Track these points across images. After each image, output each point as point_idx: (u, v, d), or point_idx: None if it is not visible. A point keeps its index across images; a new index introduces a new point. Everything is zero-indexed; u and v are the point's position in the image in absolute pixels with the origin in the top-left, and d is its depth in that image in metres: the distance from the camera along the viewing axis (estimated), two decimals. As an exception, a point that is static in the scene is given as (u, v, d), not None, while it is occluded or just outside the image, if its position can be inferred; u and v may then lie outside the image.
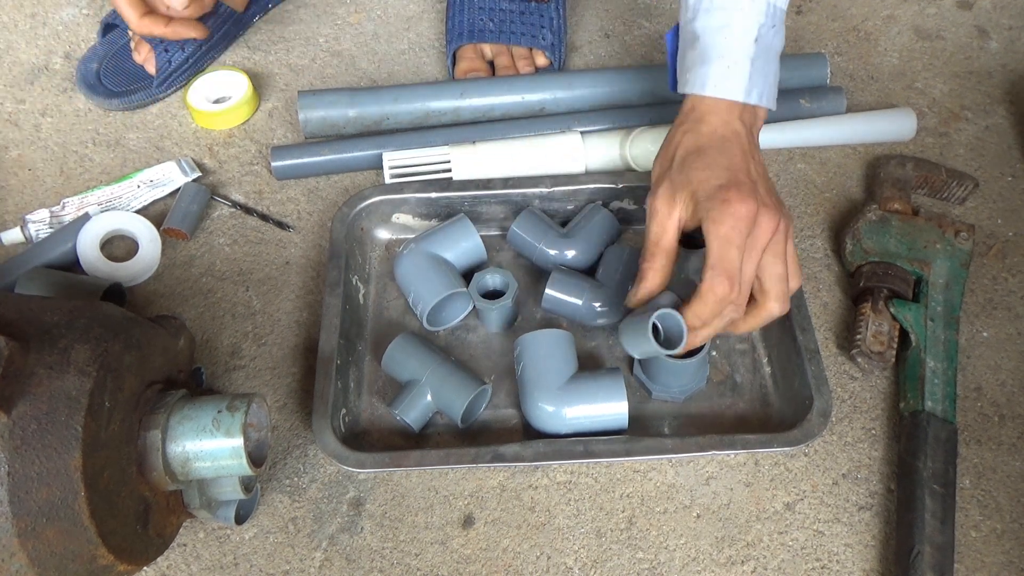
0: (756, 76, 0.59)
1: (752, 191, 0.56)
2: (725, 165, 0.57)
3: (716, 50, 0.59)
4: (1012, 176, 0.81)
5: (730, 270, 0.55)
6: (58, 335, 0.50)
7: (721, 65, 0.59)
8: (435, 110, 0.83)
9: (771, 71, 0.61)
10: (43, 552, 0.47)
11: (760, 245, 0.56)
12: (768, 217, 0.55)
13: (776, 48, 0.62)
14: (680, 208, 0.58)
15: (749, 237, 0.55)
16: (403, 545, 0.62)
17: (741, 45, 0.59)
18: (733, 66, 0.59)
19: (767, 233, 0.56)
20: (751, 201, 0.55)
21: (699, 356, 0.62)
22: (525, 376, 0.64)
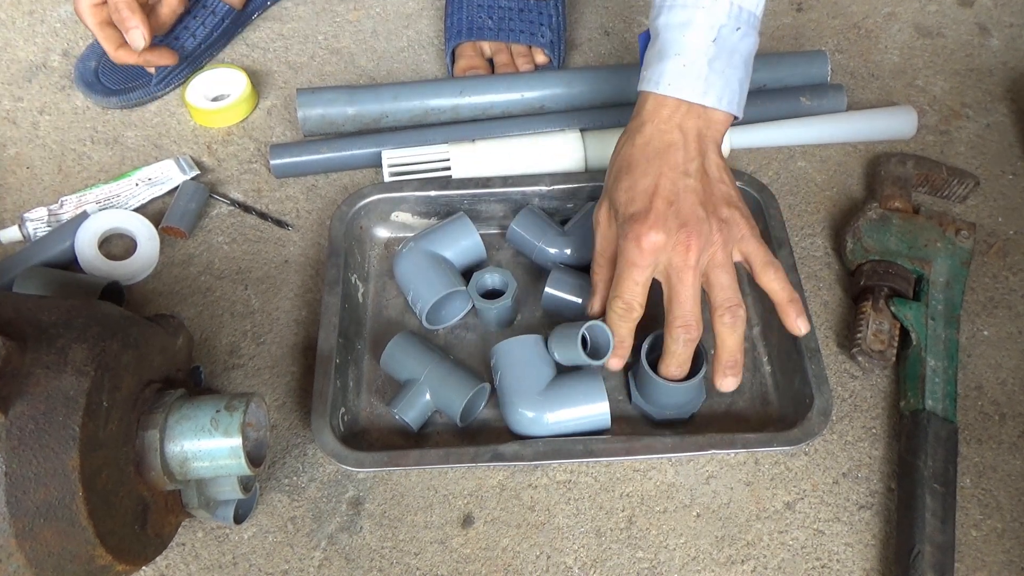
0: (714, 77, 0.58)
1: (662, 219, 0.57)
2: (645, 188, 0.58)
3: (674, 48, 0.58)
4: (1013, 174, 0.80)
5: (631, 304, 0.59)
6: (56, 334, 0.50)
7: (677, 63, 0.58)
8: (434, 108, 0.82)
9: (735, 75, 0.60)
10: (41, 552, 0.47)
11: (688, 265, 0.57)
12: (686, 236, 0.57)
13: (742, 52, 0.60)
14: (616, 224, 0.60)
15: (668, 266, 0.58)
16: (402, 544, 0.62)
17: (699, 44, 0.58)
18: (689, 65, 0.58)
19: (690, 253, 0.57)
20: (658, 232, 0.56)
21: (696, 379, 0.62)
22: (504, 385, 0.64)
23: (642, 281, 0.59)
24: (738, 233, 0.59)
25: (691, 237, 0.57)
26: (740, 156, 0.82)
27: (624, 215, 0.58)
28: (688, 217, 0.57)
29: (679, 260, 0.57)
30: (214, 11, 0.88)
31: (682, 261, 0.57)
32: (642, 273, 0.58)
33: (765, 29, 0.93)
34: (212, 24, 0.89)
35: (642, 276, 0.58)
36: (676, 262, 0.57)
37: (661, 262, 0.58)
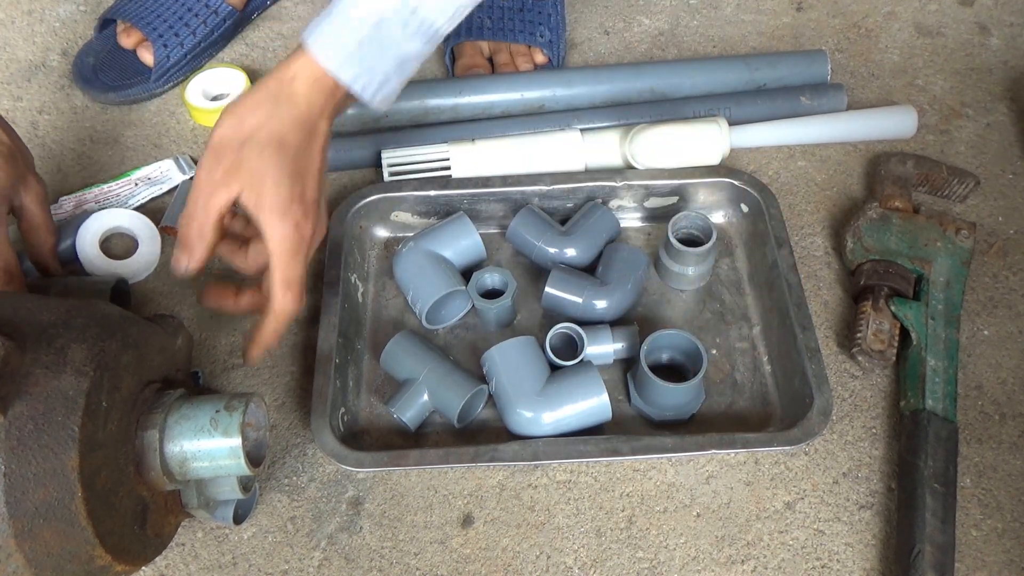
0: (357, 58, 0.57)
1: (314, 209, 0.59)
2: (301, 173, 0.58)
3: (338, 9, 0.57)
4: (1013, 174, 0.80)
5: (294, 279, 0.58)
6: (55, 334, 0.50)
7: (332, 26, 0.57)
8: (434, 107, 0.82)
9: (380, 67, 0.58)
10: (40, 553, 0.47)
11: (303, 257, 0.60)
12: (319, 234, 0.60)
13: (401, 52, 0.58)
14: (234, 190, 0.57)
15: (300, 250, 0.59)
16: (402, 544, 0.62)
17: (358, 21, 0.56)
18: (341, 34, 0.57)
19: (310, 248, 0.60)
20: (309, 220, 0.58)
21: (696, 380, 0.62)
22: (500, 389, 0.64)
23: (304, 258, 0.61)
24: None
25: (318, 229, 0.61)
26: (740, 155, 0.82)
27: (277, 202, 0.57)
28: (322, 208, 0.61)
29: (312, 245, 0.61)
30: (216, 11, 0.88)
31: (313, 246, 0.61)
32: (304, 253, 0.60)
33: (765, 29, 0.92)
34: (213, 23, 0.88)
35: (304, 256, 0.60)
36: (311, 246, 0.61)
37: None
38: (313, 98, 0.58)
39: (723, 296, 0.73)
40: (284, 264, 0.58)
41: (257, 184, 0.57)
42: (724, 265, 0.75)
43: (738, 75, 0.84)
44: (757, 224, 0.74)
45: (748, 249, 0.75)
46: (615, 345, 0.68)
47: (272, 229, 0.57)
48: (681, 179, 0.75)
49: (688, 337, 0.65)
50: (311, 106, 0.58)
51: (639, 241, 0.77)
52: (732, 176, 0.75)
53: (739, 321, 0.71)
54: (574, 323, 0.67)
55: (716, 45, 0.92)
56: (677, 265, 0.71)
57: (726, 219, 0.77)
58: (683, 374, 0.67)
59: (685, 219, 0.71)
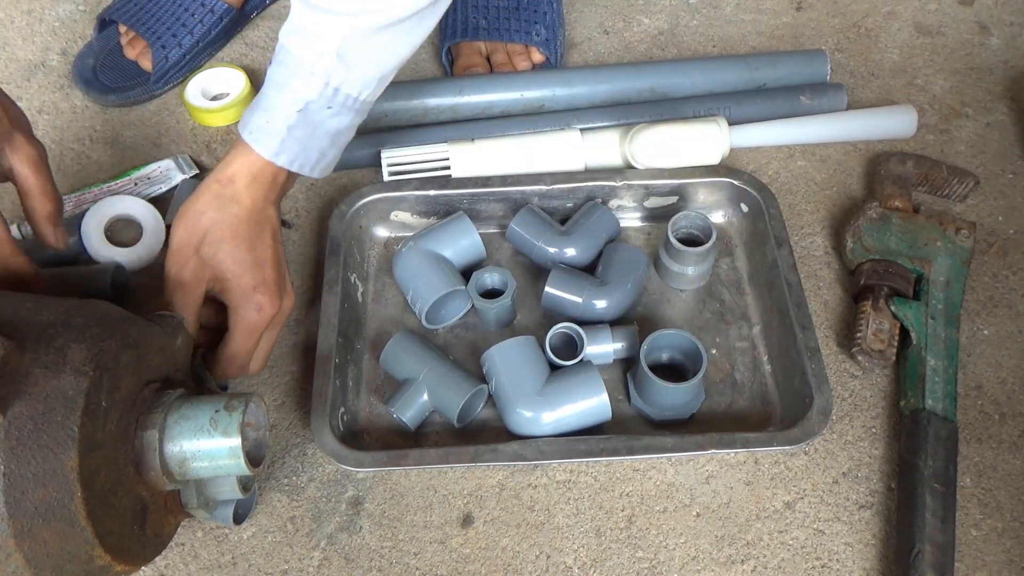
0: (291, 142, 0.61)
1: (276, 290, 0.63)
2: (258, 261, 0.62)
3: (267, 102, 0.60)
4: (1013, 173, 0.80)
5: (244, 354, 0.63)
6: (54, 334, 0.50)
7: (263, 118, 0.60)
8: (434, 107, 0.82)
9: (314, 147, 0.62)
10: (39, 553, 0.47)
11: (275, 328, 0.65)
12: (286, 308, 0.65)
13: (333, 129, 0.62)
14: (207, 285, 0.62)
15: (270, 324, 0.64)
16: (402, 544, 0.62)
17: (285, 109, 0.60)
18: (271, 122, 0.60)
19: (281, 320, 0.65)
20: (275, 300, 0.63)
21: (695, 379, 0.62)
22: (500, 389, 0.64)
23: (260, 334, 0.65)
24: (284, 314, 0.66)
25: (284, 308, 0.65)
26: (740, 155, 0.82)
27: (242, 287, 0.62)
28: (285, 287, 0.66)
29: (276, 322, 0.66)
30: (212, 10, 0.88)
31: (277, 322, 0.66)
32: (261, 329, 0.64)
33: (765, 28, 0.92)
34: (210, 22, 0.88)
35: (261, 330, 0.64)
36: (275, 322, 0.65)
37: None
38: (255, 192, 0.62)
39: (723, 296, 0.73)
40: (238, 341, 0.63)
41: (221, 277, 0.62)
42: (724, 265, 0.75)
43: (738, 75, 0.84)
44: (757, 224, 0.74)
45: (748, 249, 0.75)
46: (615, 345, 0.68)
47: (237, 312, 0.62)
48: (681, 179, 0.75)
49: (688, 337, 0.65)
50: (254, 200, 0.62)
51: (639, 241, 0.77)
52: (732, 176, 0.75)
53: (739, 321, 0.71)
54: (574, 323, 0.67)
55: (716, 45, 0.92)
56: (677, 265, 0.71)
57: (726, 219, 0.77)
58: (683, 374, 0.67)
59: (685, 219, 0.71)
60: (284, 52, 0.60)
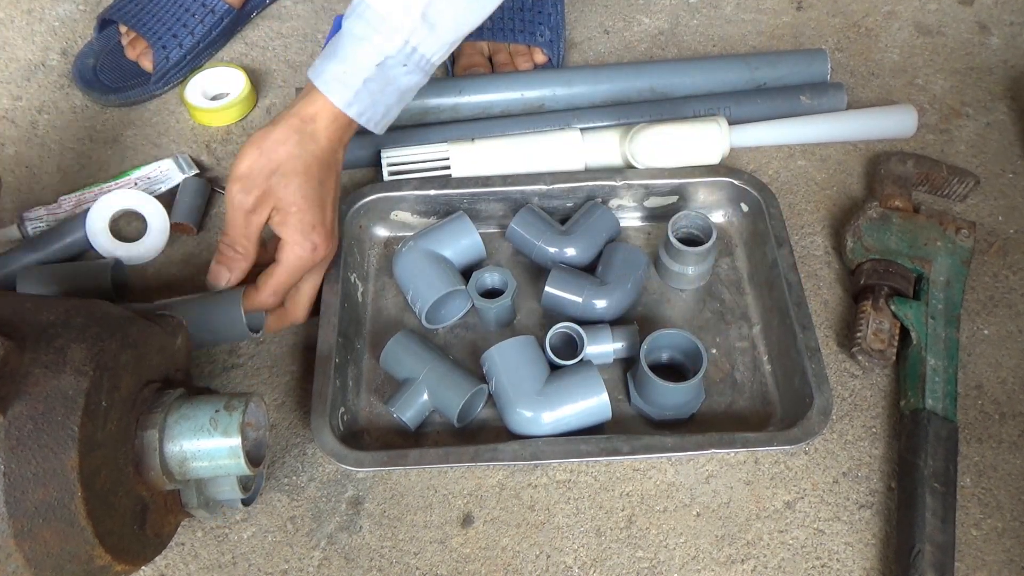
0: (364, 95, 0.63)
1: (332, 232, 0.66)
2: (322, 202, 0.64)
3: (344, 52, 0.62)
4: (1013, 173, 0.80)
5: (285, 288, 0.66)
6: (54, 334, 0.50)
7: (340, 68, 0.62)
8: (434, 107, 0.82)
9: (383, 101, 0.64)
10: (40, 553, 0.47)
11: (319, 272, 0.68)
12: (331, 251, 0.67)
13: (403, 87, 0.64)
14: (265, 215, 0.64)
15: (316, 266, 0.67)
16: (402, 544, 0.62)
17: (363, 61, 0.62)
18: (348, 72, 0.62)
19: (326, 265, 0.69)
20: (329, 243, 0.66)
21: (695, 379, 0.62)
22: (500, 389, 0.64)
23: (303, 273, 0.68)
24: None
25: (332, 250, 0.67)
26: (740, 155, 0.82)
27: (301, 225, 0.64)
28: (335, 230, 0.68)
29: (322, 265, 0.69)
30: (213, 10, 0.88)
31: (323, 266, 0.69)
32: (305, 270, 0.67)
33: (765, 28, 0.92)
34: (211, 23, 0.88)
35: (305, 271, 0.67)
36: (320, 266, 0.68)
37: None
38: (332, 134, 0.64)
39: (723, 295, 0.73)
40: (287, 275, 0.64)
41: (284, 210, 0.63)
42: (724, 264, 0.75)
43: (738, 74, 0.84)
44: (757, 223, 0.74)
45: (748, 248, 0.75)
46: (615, 345, 0.68)
47: (292, 246, 0.64)
48: (681, 178, 0.75)
49: (688, 337, 0.65)
50: (330, 141, 0.64)
51: (639, 240, 0.77)
52: (732, 175, 0.75)
53: (739, 320, 0.71)
54: (574, 322, 0.67)
55: (716, 44, 0.92)
56: (677, 265, 0.71)
57: (726, 218, 0.77)
58: (683, 374, 0.67)
59: (685, 218, 0.71)
60: (365, 6, 0.61)
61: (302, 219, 0.63)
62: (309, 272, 0.66)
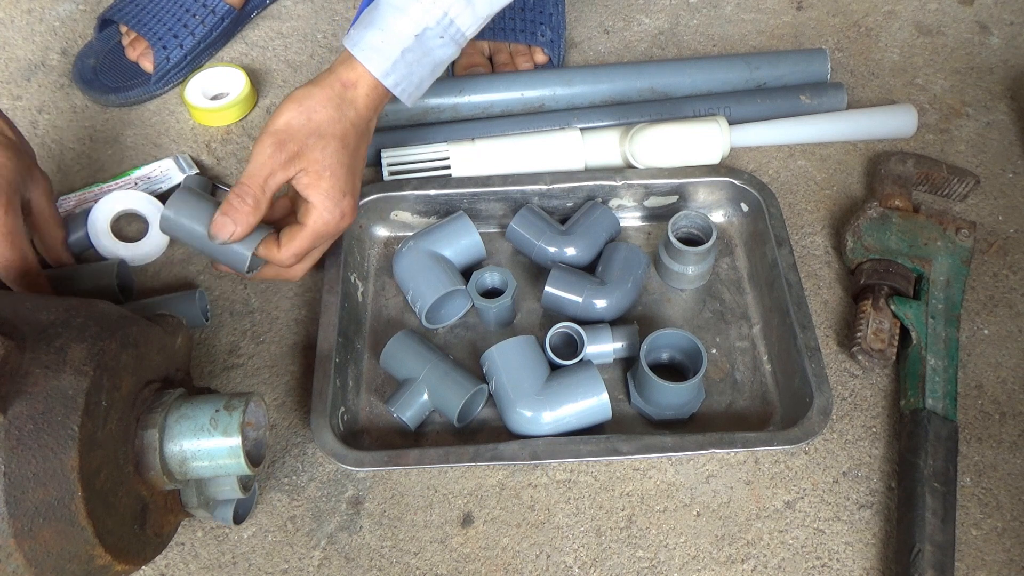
0: (401, 65, 0.63)
1: (356, 204, 0.66)
2: (354, 170, 0.65)
3: (382, 22, 0.62)
4: (1013, 172, 0.80)
5: (304, 252, 0.65)
6: (54, 334, 0.50)
7: (378, 37, 0.62)
8: (434, 107, 0.82)
9: (418, 72, 0.64)
10: (40, 552, 0.47)
11: (333, 238, 0.68)
12: (350, 221, 0.66)
13: (437, 59, 0.65)
14: (292, 173, 0.62)
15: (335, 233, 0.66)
16: (402, 544, 0.62)
17: (402, 31, 0.62)
18: (386, 42, 0.62)
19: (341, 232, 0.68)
20: (355, 212, 0.66)
21: (695, 379, 0.62)
22: (500, 388, 0.64)
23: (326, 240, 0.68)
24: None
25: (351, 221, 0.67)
26: (740, 154, 0.82)
27: (331, 191, 0.63)
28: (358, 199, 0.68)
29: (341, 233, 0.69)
30: (214, 10, 0.88)
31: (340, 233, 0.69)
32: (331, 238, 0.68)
33: (765, 27, 0.93)
34: (212, 23, 0.88)
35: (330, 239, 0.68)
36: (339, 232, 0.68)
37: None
38: (369, 102, 0.64)
39: (723, 295, 0.73)
40: (311, 239, 0.64)
41: (318, 172, 0.62)
42: (724, 264, 0.75)
43: (738, 74, 0.84)
44: (757, 223, 0.74)
45: (748, 248, 0.75)
46: (615, 344, 0.68)
47: (322, 211, 0.63)
48: (681, 178, 0.75)
49: (688, 336, 0.65)
50: (368, 109, 0.64)
51: (639, 240, 0.77)
52: (732, 175, 0.75)
53: (739, 320, 0.71)
54: (574, 322, 0.67)
55: (716, 44, 0.92)
56: (677, 264, 0.71)
57: (726, 218, 0.77)
58: (683, 373, 0.67)
59: (685, 218, 0.71)
60: None
61: (335, 184, 0.63)
62: (328, 237, 0.66)
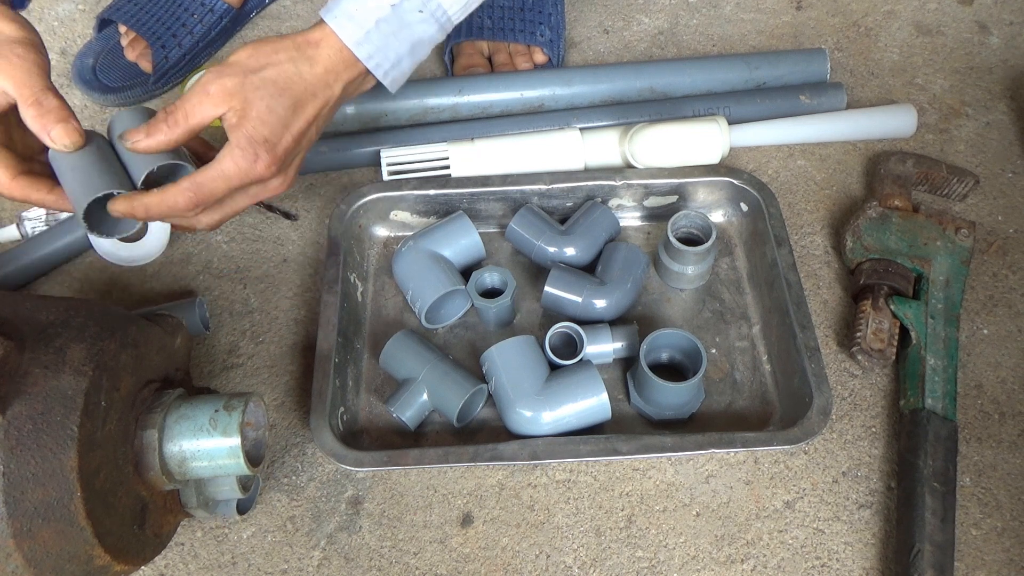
0: (376, 35, 0.60)
1: (281, 159, 0.60)
2: (289, 125, 0.60)
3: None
4: (1013, 172, 0.80)
5: (207, 192, 0.58)
6: (53, 334, 0.50)
7: (353, 5, 0.60)
8: (433, 107, 0.82)
9: (395, 48, 0.62)
10: (39, 553, 0.47)
11: (251, 196, 0.62)
12: (274, 185, 0.62)
13: (416, 36, 0.62)
14: (221, 109, 0.58)
15: (251, 187, 0.61)
16: (402, 544, 0.62)
17: (378, 1, 0.60)
18: (360, 11, 0.60)
19: (264, 193, 0.62)
20: (273, 167, 0.60)
21: (695, 379, 0.62)
22: (500, 388, 0.64)
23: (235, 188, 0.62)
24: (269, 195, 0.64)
25: (276, 187, 0.63)
26: (739, 154, 0.82)
27: (254, 132, 0.59)
28: (288, 167, 0.63)
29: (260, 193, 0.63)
30: (212, 9, 0.88)
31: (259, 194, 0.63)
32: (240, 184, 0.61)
33: (765, 27, 0.93)
34: (211, 22, 0.88)
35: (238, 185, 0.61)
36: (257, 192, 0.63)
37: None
38: (331, 65, 0.60)
39: (723, 295, 0.73)
40: (213, 176, 0.58)
41: (242, 112, 0.58)
42: (724, 264, 0.75)
43: (738, 74, 0.84)
44: (757, 223, 0.74)
45: (748, 248, 0.75)
46: (615, 344, 0.68)
47: (233, 151, 0.58)
48: (681, 178, 0.75)
49: (688, 336, 0.65)
50: (327, 72, 0.60)
51: (639, 240, 0.77)
52: (732, 175, 0.75)
53: (738, 320, 0.71)
54: (574, 322, 0.67)
55: (716, 44, 0.92)
56: (677, 264, 0.71)
57: (726, 218, 0.77)
58: (683, 373, 0.67)
59: (685, 218, 0.71)
60: None
61: (255, 128, 0.58)
62: (241, 189, 0.61)
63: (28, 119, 0.56)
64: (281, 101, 0.59)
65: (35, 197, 0.59)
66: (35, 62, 0.57)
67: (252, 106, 0.58)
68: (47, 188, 0.59)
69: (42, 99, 0.57)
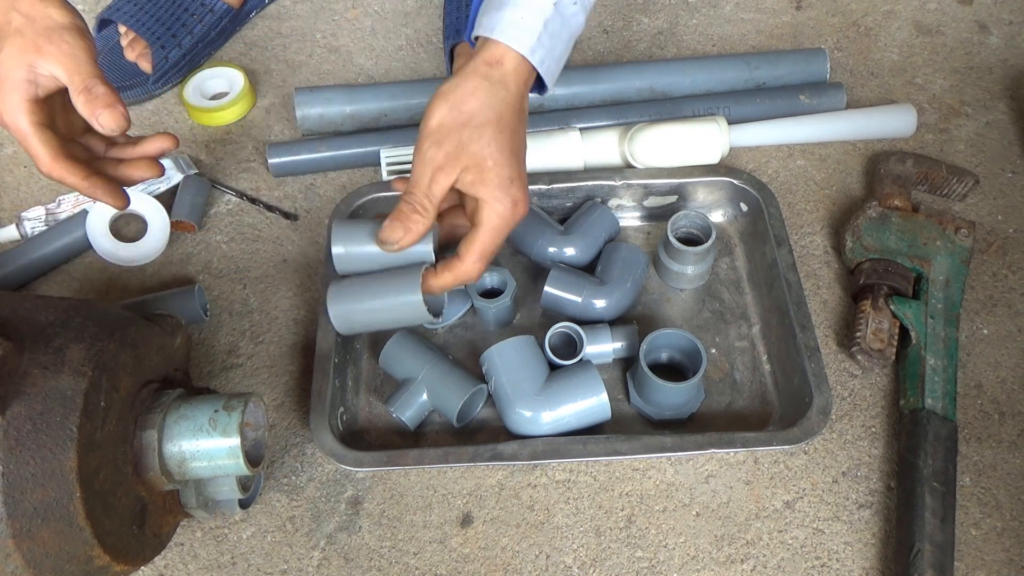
0: (544, 38, 0.59)
1: (525, 188, 0.60)
2: (516, 153, 0.60)
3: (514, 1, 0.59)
4: (1012, 172, 0.80)
5: (490, 253, 0.60)
6: (53, 334, 0.50)
7: (515, 13, 0.59)
8: (433, 106, 0.82)
9: (558, 47, 0.61)
10: (39, 553, 0.47)
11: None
12: (525, 207, 0.61)
13: (571, 29, 0.61)
14: (455, 174, 0.59)
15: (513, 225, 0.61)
16: (401, 544, 0.62)
17: (541, 3, 0.59)
18: (527, 17, 0.58)
19: (519, 219, 0.61)
20: (527, 198, 0.60)
21: (695, 379, 0.62)
22: (500, 389, 0.64)
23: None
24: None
25: (525, 212, 0.62)
26: (739, 154, 0.82)
27: (498, 179, 0.59)
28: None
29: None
30: (212, 9, 0.88)
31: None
32: (508, 233, 0.61)
33: (764, 27, 0.93)
34: (210, 22, 0.88)
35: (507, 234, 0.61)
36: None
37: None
38: (519, 79, 0.60)
39: (722, 295, 0.73)
40: (490, 238, 0.59)
41: (479, 165, 0.58)
42: (723, 264, 0.75)
43: (737, 74, 0.84)
44: (756, 223, 0.74)
45: (747, 248, 0.75)
46: (614, 344, 0.68)
47: (494, 205, 0.59)
48: (680, 178, 0.75)
49: (687, 336, 0.65)
50: (518, 87, 0.60)
51: (638, 240, 0.77)
52: (731, 175, 0.75)
53: (738, 320, 0.71)
54: (573, 322, 0.67)
55: (715, 44, 0.92)
56: (676, 264, 0.71)
57: (725, 218, 0.77)
58: (683, 373, 0.67)
59: (684, 218, 0.71)
60: None
61: (499, 173, 0.58)
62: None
63: (79, 105, 0.58)
64: (503, 136, 0.59)
65: (70, 180, 0.59)
66: (84, 48, 0.59)
67: (484, 158, 0.58)
68: (83, 174, 0.59)
69: (91, 86, 0.58)
